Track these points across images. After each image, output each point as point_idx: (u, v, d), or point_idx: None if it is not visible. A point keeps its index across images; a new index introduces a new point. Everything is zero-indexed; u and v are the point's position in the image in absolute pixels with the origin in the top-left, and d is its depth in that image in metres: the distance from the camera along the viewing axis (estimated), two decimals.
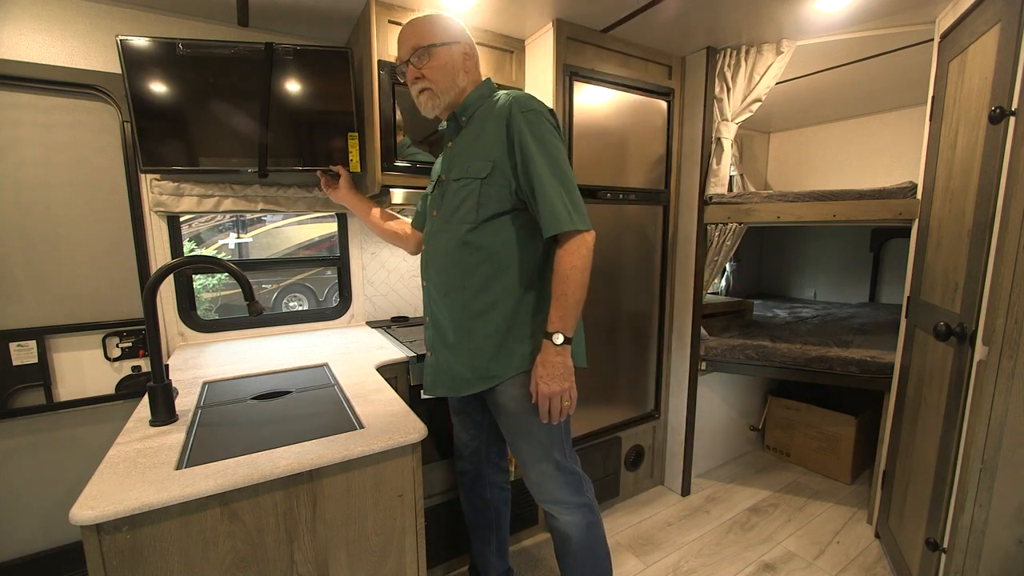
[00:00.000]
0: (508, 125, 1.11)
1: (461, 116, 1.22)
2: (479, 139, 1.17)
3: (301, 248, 5.43)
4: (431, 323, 1.31)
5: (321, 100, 1.62)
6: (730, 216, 2.07)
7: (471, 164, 1.16)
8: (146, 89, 1.44)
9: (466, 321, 1.20)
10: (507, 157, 1.12)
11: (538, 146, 1.10)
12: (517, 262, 1.18)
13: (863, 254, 3.21)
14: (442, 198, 1.24)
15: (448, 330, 1.24)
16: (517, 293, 1.18)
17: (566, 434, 1.29)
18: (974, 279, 1.29)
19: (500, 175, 1.13)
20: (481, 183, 1.14)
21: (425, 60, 1.16)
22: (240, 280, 1.06)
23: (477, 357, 1.20)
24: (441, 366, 1.28)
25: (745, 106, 2.04)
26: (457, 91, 1.20)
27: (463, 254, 1.18)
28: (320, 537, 0.94)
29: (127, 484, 0.80)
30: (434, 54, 1.16)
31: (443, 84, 1.18)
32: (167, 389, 1.05)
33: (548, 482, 1.27)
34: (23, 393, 1.58)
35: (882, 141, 2.90)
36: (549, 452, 1.25)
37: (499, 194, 1.14)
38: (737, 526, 2.09)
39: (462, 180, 1.18)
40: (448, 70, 1.17)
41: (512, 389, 1.21)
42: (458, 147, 1.23)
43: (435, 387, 1.30)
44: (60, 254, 1.60)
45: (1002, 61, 1.22)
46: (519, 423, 1.24)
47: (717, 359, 2.26)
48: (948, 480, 1.37)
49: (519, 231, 1.17)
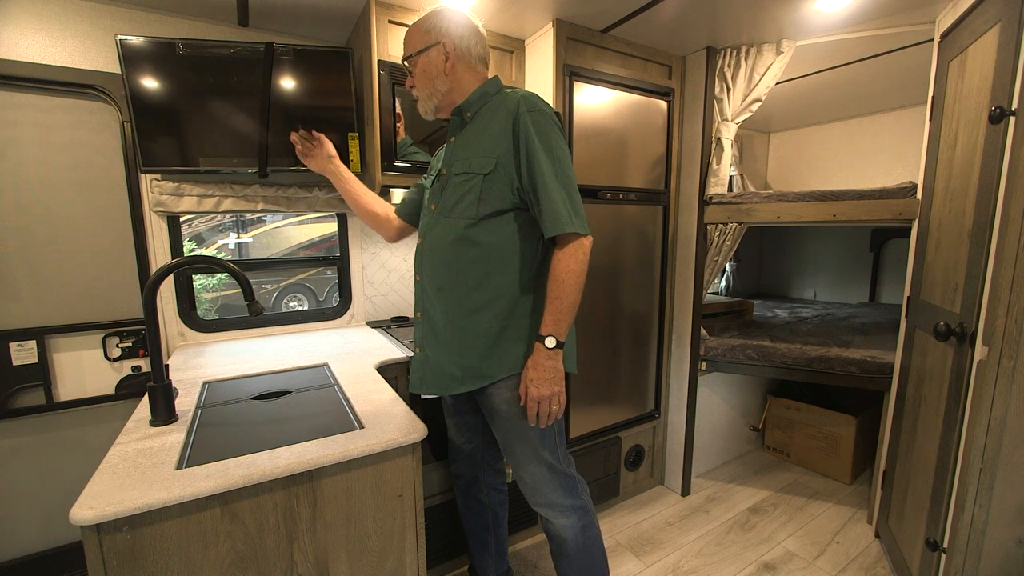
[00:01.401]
0: (515, 123, 1.12)
1: (465, 112, 1.22)
2: (483, 135, 1.17)
3: (301, 248, 5.44)
4: (422, 319, 1.28)
5: (321, 100, 1.62)
6: (730, 216, 2.07)
7: (474, 159, 1.16)
8: (146, 89, 1.44)
9: (459, 318, 1.19)
10: (512, 155, 1.12)
11: (544, 147, 1.10)
12: (514, 261, 1.17)
13: (863, 254, 3.21)
14: (442, 192, 1.23)
15: (440, 326, 1.22)
16: (513, 293, 1.18)
17: (559, 436, 1.27)
18: (974, 279, 1.29)
19: (503, 172, 1.13)
20: (484, 179, 1.14)
21: (411, 69, 1.21)
22: (240, 280, 1.06)
23: (468, 355, 1.19)
24: (430, 362, 1.26)
25: (745, 106, 2.04)
26: (440, 95, 1.21)
27: (460, 249, 1.17)
28: (320, 537, 0.94)
29: (127, 484, 0.80)
30: (416, 63, 1.20)
31: (425, 91, 1.21)
32: (167, 389, 1.05)
33: (542, 485, 1.26)
34: (23, 393, 1.59)
35: (882, 141, 2.90)
36: (542, 454, 1.24)
37: (501, 191, 1.14)
38: (737, 526, 2.09)
39: (464, 175, 1.17)
40: (428, 77, 1.19)
41: (504, 391, 1.20)
42: (461, 142, 1.22)
43: (422, 384, 1.28)
44: (60, 254, 1.60)
45: (1002, 61, 1.22)
46: (512, 425, 1.23)
47: (717, 359, 2.27)
48: (948, 480, 1.37)
49: (519, 230, 1.17)
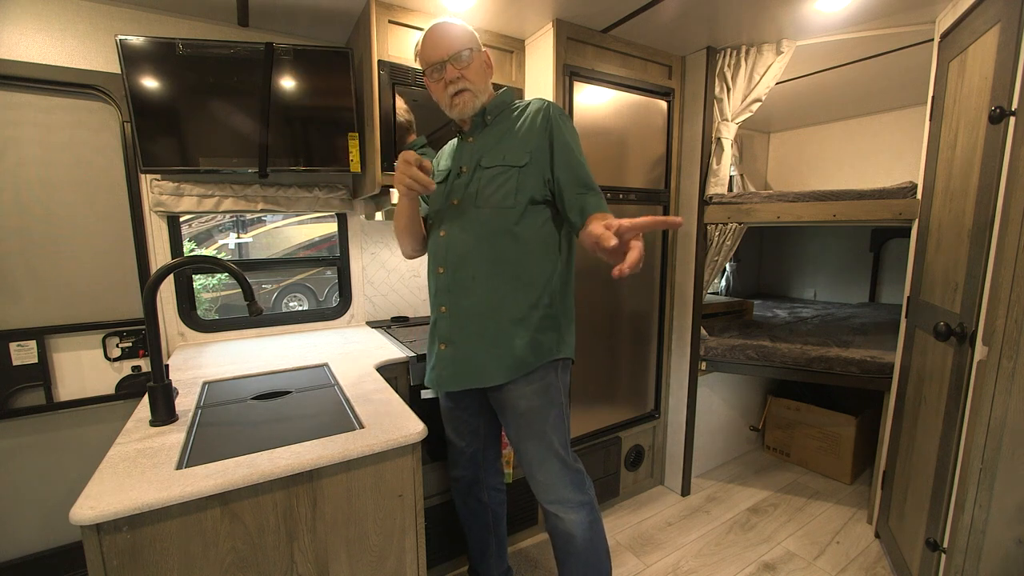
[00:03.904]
0: (548, 123, 1.22)
1: (487, 115, 1.27)
2: (510, 135, 1.24)
3: (301, 248, 5.44)
4: (448, 312, 1.27)
5: (321, 100, 1.62)
6: (730, 216, 2.07)
7: (507, 154, 1.23)
8: (146, 89, 1.44)
9: (496, 307, 1.22)
10: (544, 151, 1.21)
11: (576, 147, 1.23)
12: (547, 251, 1.24)
13: (863, 254, 3.21)
14: (466, 187, 1.25)
15: (474, 317, 1.24)
16: (546, 281, 1.24)
17: (568, 433, 1.30)
18: (974, 279, 1.29)
19: (535, 166, 1.21)
20: (519, 171, 1.21)
21: (465, 63, 1.21)
22: (240, 280, 1.06)
23: (504, 345, 1.22)
24: (459, 357, 1.26)
25: (745, 106, 2.04)
26: (488, 93, 1.28)
27: (497, 238, 1.22)
28: (320, 537, 0.94)
29: (127, 484, 0.80)
30: (474, 58, 1.22)
31: (481, 85, 1.25)
32: (167, 389, 1.05)
33: (555, 481, 1.28)
34: (23, 393, 1.59)
35: (882, 141, 2.90)
36: (557, 451, 1.26)
37: (535, 183, 1.21)
38: (737, 526, 2.09)
39: (497, 167, 1.23)
40: (484, 73, 1.26)
41: (525, 386, 1.23)
42: (481, 143, 1.27)
43: (451, 381, 1.28)
44: (60, 254, 1.60)
45: (1002, 61, 1.22)
46: (528, 422, 1.25)
47: (717, 359, 2.27)
48: (948, 480, 1.37)
49: (551, 220, 1.25)
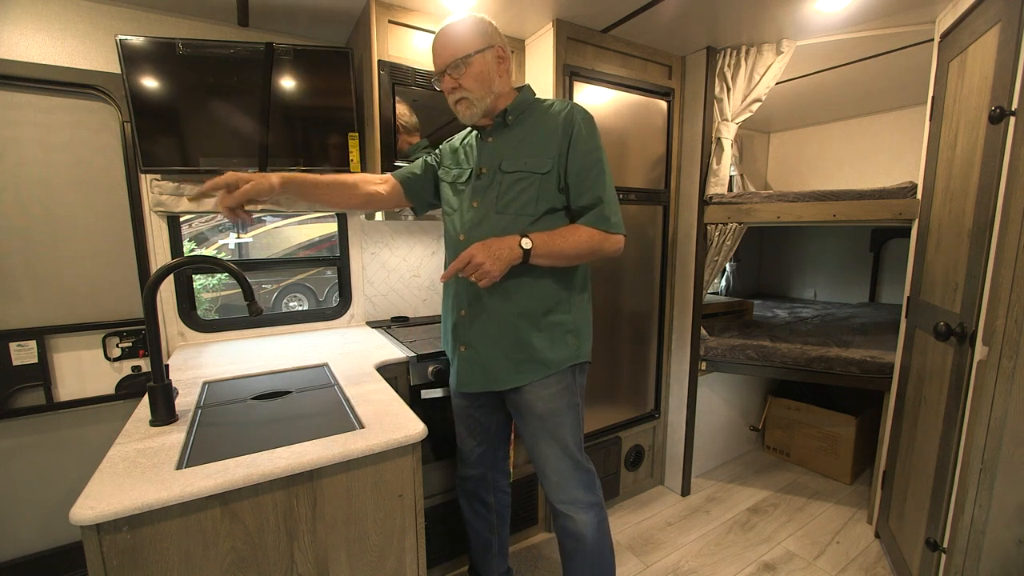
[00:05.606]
0: (571, 126, 1.19)
1: (508, 115, 1.25)
2: (531, 137, 1.23)
3: (301, 248, 5.43)
4: (468, 316, 1.28)
5: (321, 100, 1.62)
6: (730, 216, 2.07)
7: (529, 159, 1.21)
8: (146, 89, 1.44)
9: (517, 313, 1.23)
10: (564, 156, 1.20)
11: (600, 152, 1.21)
12: None
13: (863, 254, 3.21)
14: (486, 190, 1.25)
15: (495, 321, 1.24)
16: (566, 286, 1.25)
17: (582, 433, 1.32)
18: (974, 279, 1.29)
19: (555, 173, 1.20)
20: (541, 178, 1.20)
21: (461, 70, 1.18)
22: (240, 280, 1.06)
23: (525, 349, 1.23)
24: (479, 359, 1.28)
25: (745, 106, 2.04)
26: (494, 96, 1.22)
27: None
28: (320, 537, 0.94)
29: (127, 484, 0.80)
30: (470, 63, 1.18)
31: (479, 92, 1.20)
32: (167, 389, 1.05)
33: (567, 482, 1.28)
34: (23, 393, 1.58)
35: (882, 141, 2.90)
36: (571, 452, 1.27)
37: (553, 190, 1.21)
38: (737, 526, 2.09)
39: (519, 173, 1.21)
40: (484, 78, 1.19)
41: (543, 389, 1.24)
42: (500, 143, 1.26)
43: (472, 382, 1.30)
44: (60, 254, 1.60)
45: (1002, 61, 1.22)
46: (545, 424, 1.26)
47: (717, 359, 2.26)
48: (948, 480, 1.37)
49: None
